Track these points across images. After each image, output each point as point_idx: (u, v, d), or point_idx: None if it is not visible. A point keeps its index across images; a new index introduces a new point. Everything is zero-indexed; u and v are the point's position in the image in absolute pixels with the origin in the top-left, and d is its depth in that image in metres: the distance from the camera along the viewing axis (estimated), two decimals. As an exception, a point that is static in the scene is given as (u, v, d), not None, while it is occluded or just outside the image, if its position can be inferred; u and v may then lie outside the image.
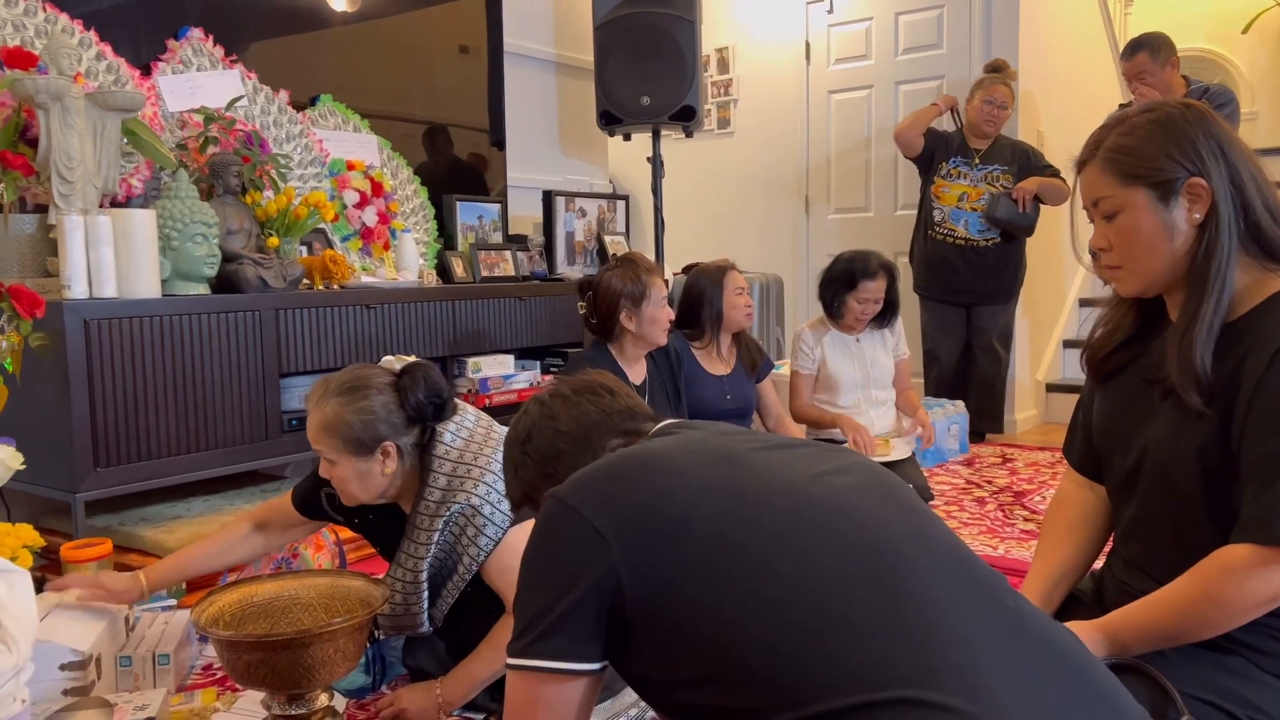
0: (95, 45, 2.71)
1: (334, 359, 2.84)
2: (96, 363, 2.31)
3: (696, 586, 0.96)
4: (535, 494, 1.28)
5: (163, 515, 2.61)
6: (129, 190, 2.71)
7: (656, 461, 1.06)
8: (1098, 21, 5.55)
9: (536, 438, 1.28)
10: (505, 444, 1.32)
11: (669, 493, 1.01)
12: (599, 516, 1.01)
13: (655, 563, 0.98)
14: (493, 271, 3.61)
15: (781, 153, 5.49)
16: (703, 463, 1.05)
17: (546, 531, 1.05)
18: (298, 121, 3.22)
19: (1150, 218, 1.30)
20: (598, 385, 1.31)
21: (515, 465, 1.30)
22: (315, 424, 1.72)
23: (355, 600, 1.67)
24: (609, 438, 1.25)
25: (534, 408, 1.31)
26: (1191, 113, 1.32)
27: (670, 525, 0.99)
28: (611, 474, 1.06)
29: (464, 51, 3.88)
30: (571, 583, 0.99)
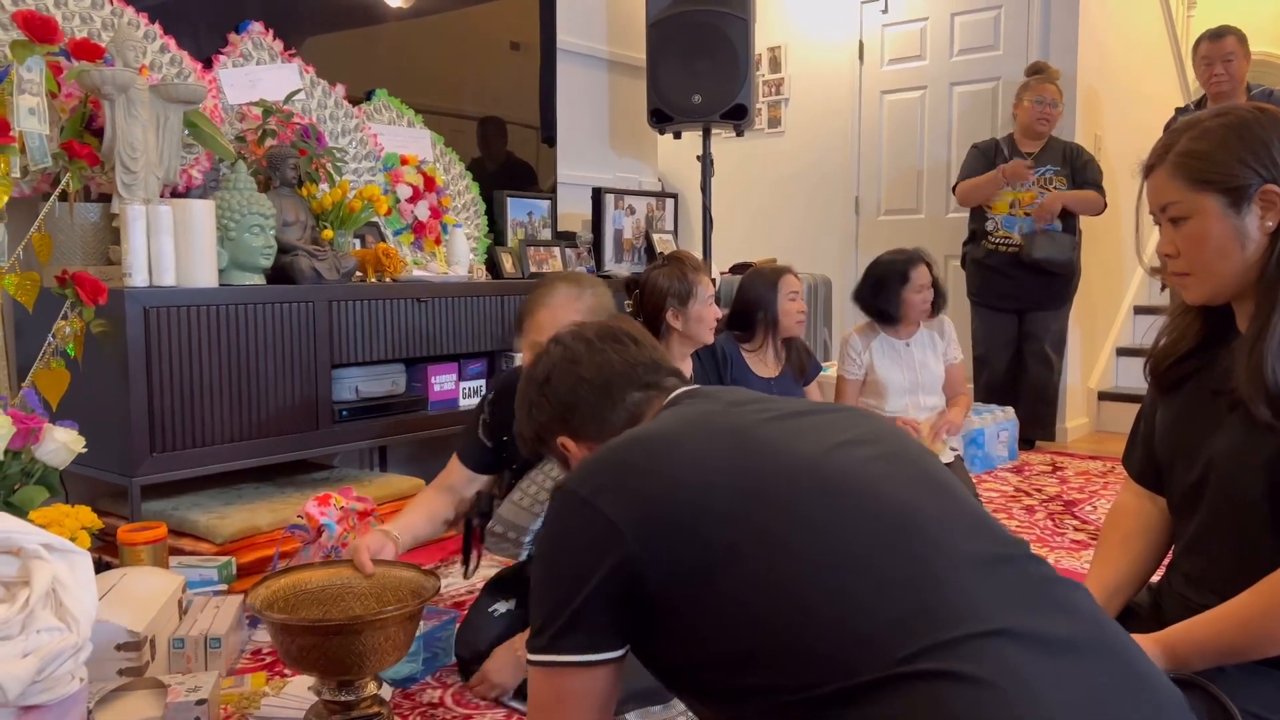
0: (160, 38, 2.76)
1: (385, 350, 2.87)
2: (155, 350, 2.35)
3: (716, 571, 0.94)
4: (548, 437, 1.26)
5: (215, 501, 2.65)
6: (189, 181, 2.76)
7: (669, 445, 1.04)
8: (1158, 23, 5.44)
9: (556, 381, 1.24)
10: (523, 380, 1.28)
11: (683, 478, 0.99)
12: (613, 507, 0.99)
13: (673, 550, 0.96)
14: (541, 268, 3.63)
15: (832, 153, 5.45)
16: (717, 442, 1.03)
17: (560, 524, 1.04)
18: (353, 116, 3.26)
19: (1221, 224, 1.27)
20: (622, 333, 1.27)
21: (530, 405, 1.28)
22: (584, 311, 1.85)
23: (407, 590, 1.68)
24: (630, 390, 1.22)
25: (555, 349, 1.27)
26: (1266, 117, 1.29)
27: (687, 511, 0.97)
28: (624, 461, 1.04)
29: (515, 48, 3.89)
30: (588, 575, 0.98)
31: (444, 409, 3.09)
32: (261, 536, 2.51)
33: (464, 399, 3.16)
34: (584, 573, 0.99)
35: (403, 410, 2.96)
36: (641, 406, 1.22)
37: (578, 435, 1.24)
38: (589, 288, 1.94)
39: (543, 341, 1.78)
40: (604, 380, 1.22)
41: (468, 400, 3.17)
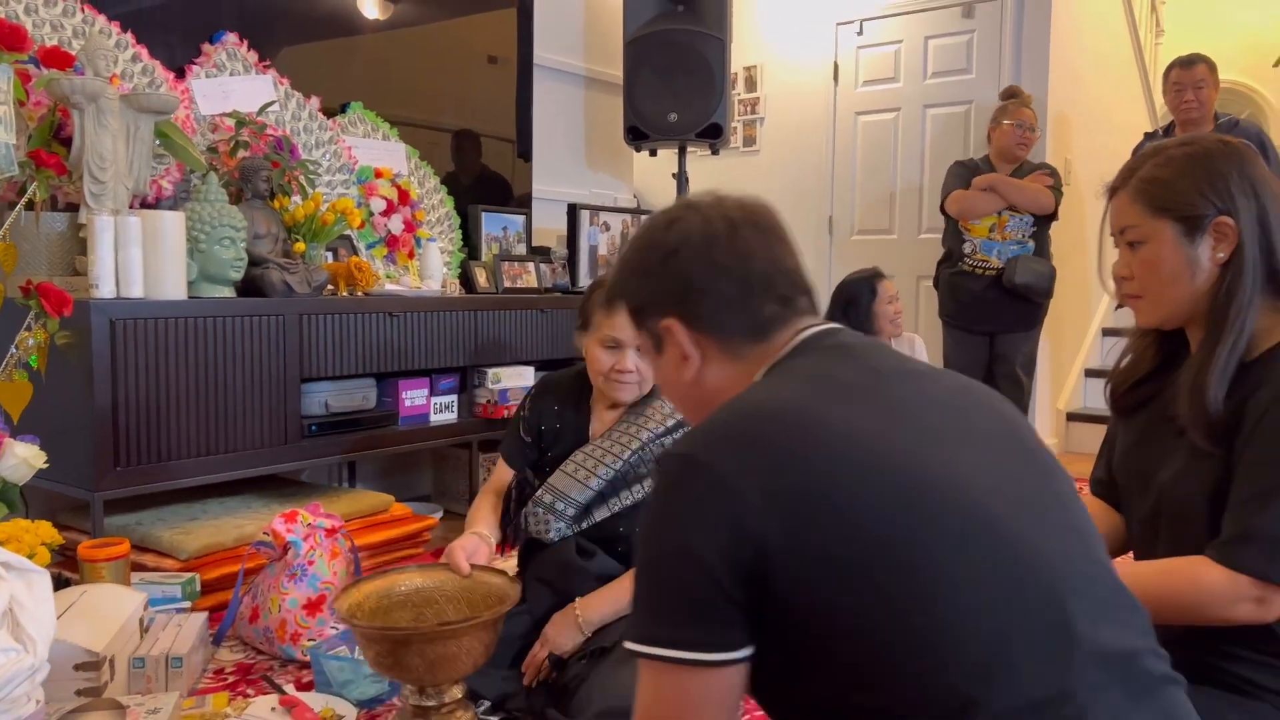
0: (132, 47, 2.74)
1: (356, 365, 2.84)
2: (121, 362, 2.32)
3: (849, 575, 0.84)
4: (653, 312, 1.09)
5: (180, 517, 2.61)
6: (159, 192, 2.73)
7: (814, 422, 0.90)
8: (1126, 50, 5.53)
9: (686, 257, 1.06)
10: (642, 237, 1.12)
11: (829, 458, 0.87)
12: (744, 478, 0.86)
13: (811, 539, 0.84)
14: (515, 283, 3.62)
15: (806, 173, 5.48)
16: (870, 422, 0.90)
17: (678, 495, 0.89)
18: (328, 128, 3.24)
19: (1175, 251, 1.29)
20: (768, 224, 1.09)
21: (646, 272, 1.09)
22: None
23: (495, 596, 1.70)
24: (767, 299, 1.05)
25: (692, 219, 1.07)
26: (1229, 150, 1.31)
27: (831, 495, 0.85)
28: (761, 435, 0.89)
29: (493, 62, 3.89)
30: (711, 555, 0.85)
31: (415, 424, 3.07)
32: (226, 553, 2.48)
33: (435, 414, 3.14)
34: (707, 552, 0.85)
35: (373, 425, 2.94)
36: (773, 324, 1.05)
37: (691, 323, 1.06)
38: None
39: (617, 339, 1.91)
40: (742, 276, 1.04)
41: (439, 415, 3.15)
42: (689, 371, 1.08)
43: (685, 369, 1.08)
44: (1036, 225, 4.13)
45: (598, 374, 2.00)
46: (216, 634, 2.20)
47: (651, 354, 1.13)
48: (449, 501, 3.56)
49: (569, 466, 1.97)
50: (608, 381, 1.99)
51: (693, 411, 1.13)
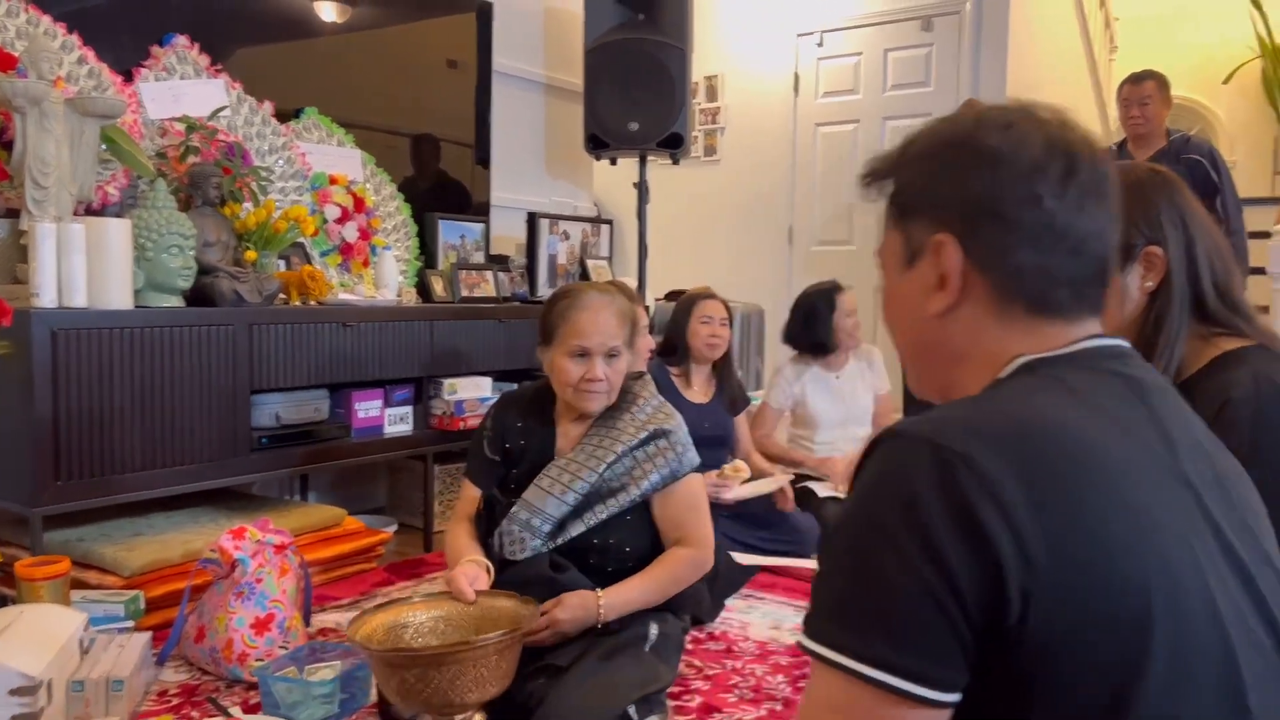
0: (78, 49, 2.66)
1: (308, 376, 2.79)
2: (63, 374, 2.25)
3: (1108, 653, 0.70)
4: (922, 217, 0.87)
5: (124, 531, 2.54)
6: (105, 198, 2.65)
7: (1100, 460, 0.74)
8: (1082, 66, 5.61)
9: (1006, 173, 0.83)
10: (953, 125, 0.89)
11: (1104, 511, 0.72)
12: (1016, 494, 0.70)
13: (1084, 588, 0.70)
14: (473, 292, 3.57)
15: (767, 183, 5.49)
16: (1149, 500, 0.75)
17: (931, 486, 0.71)
18: (281, 134, 3.18)
19: None
20: (1111, 186, 0.87)
21: (942, 165, 0.87)
22: (617, 311, 1.97)
23: (506, 620, 1.66)
24: (1069, 271, 0.84)
25: (1035, 136, 0.84)
26: (1160, 179, 1.33)
27: (1102, 560, 0.70)
28: (1041, 451, 0.73)
29: (452, 66, 3.85)
30: (952, 566, 0.69)
31: (369, 436, 3.02)
32: (172, 569, 2.41)
33: (390, 426, 3.09)
34: (956, 565, 0.69)
35: (325, 437, 2.88)
36: (1061, 307, 0.85)
37: (973, 253, 0.85)
38: (612, 290, 2.05)
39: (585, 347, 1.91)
40: (1061, 230, 0.83)
41: (394, 427, 3.10)
42: (935, 305, 0.87)
43: (933, 300, 0.87)
44: None
45: (565, 386, 1.97)
46: (160, 654, 2.14)
47: (893, 266, 0.92)
48: (404, 514, 3.51)
49: (544, 481, 1.94)
50: (576, 393, 1.96)
51: (914, 353, 0.94)
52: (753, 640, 2.35)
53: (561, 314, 1.98)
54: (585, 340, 1.93)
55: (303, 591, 2.26)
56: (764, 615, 2.54)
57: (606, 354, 1.95)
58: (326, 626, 2.42)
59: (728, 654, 2.26)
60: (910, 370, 0.96)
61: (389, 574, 2.86)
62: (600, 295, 2.00)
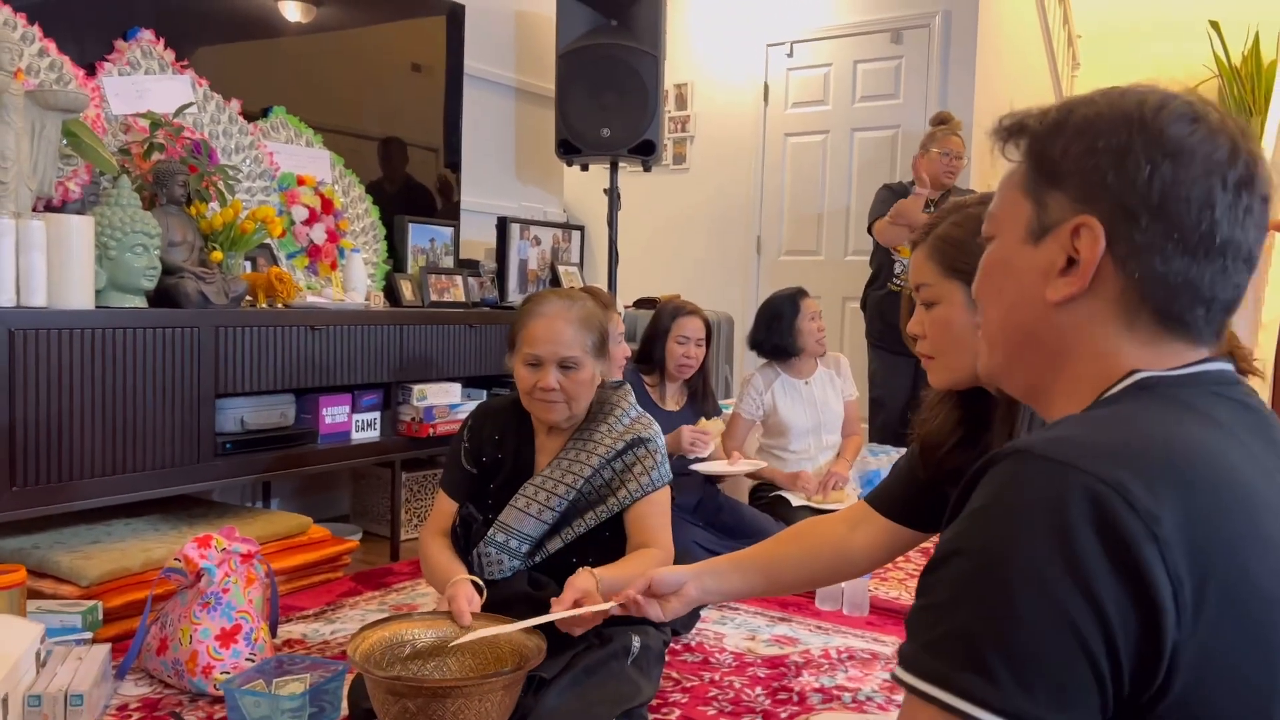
0: (39, 41, 2.58)
1: (274, 380, 2.72)
2: (20, 375, 2.16)
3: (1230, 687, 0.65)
4: (1067, 192, 0.78)
5: (81, 539, 2.46)
6: (65, 194, 2.57)
7: (1242, 482, 0.68)
8: (1048, 81, 5.68)
9: (1178, 167, 0.74)
10: (1135, 101, 0.77)
11: (1254, 541, 0.66)
12: (1175, 533, 0.63)
13: (1228, 644, 0.64)
14: (442, 296, 3.52)
15: (735, 192, 5.49)
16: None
17: (1077, 519, 0.64)
18: (248, 132, 3.11)
19: (964, 315, 1.28)
20: (1263, 191, 0.77)
21: (1106, 145, 0.76)
22: (576, 320, 1.91)
23: (506, 650, 1.61)
24: (1206, 288, 0.76)
25: (1220, 135, 0.76)
26: None
27: (1260, 601, 0.65)
28: (1192, 479, 0.66)
29: (417, 70, 3.79)
30: (1110, 613, 0.62)
31: (335, 442, 2.95)
32: (133, 578, 2.33)
33: (357, 432, 3.03)
34: (1103, 606, 0.62)
35: (291, 443, 2.81)
36: (1186, 325, 0.77)
37: (1118, 246, 0.76)
38: (579, 300, 2.01)
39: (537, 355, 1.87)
40: (1219, 242, 0.75)
41: (361, 433, 3.04)
42: (1057, 290, 0.79)
43: (1054, 285, 0.79)
44: None
45: (523, 394, 1.95)
46: (120, 667, 2.06)
47: (1013, 235, 0.83)
48: (368, 522, 3.44)
49: (519, 501, 1.91)
50: (532, 401, 1.94)
51: (1009, 337, 0.85)
52: (729, 652, 2.32)
53: (522, 321, 1.96)
54: (537, 348, 1.90)
55: (269, 602, 2.19)
56: (738, 626, 2.51)
57: (560, 363, 1.91)
58: (293, 638, 2.36)
59: (704, 666, 2.23)
60: (995, 355, 0.87)
61: (356, 583, 2.80)
62: (560, 302, 1.97)
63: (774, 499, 3.30)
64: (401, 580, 2.85)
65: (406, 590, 2.77)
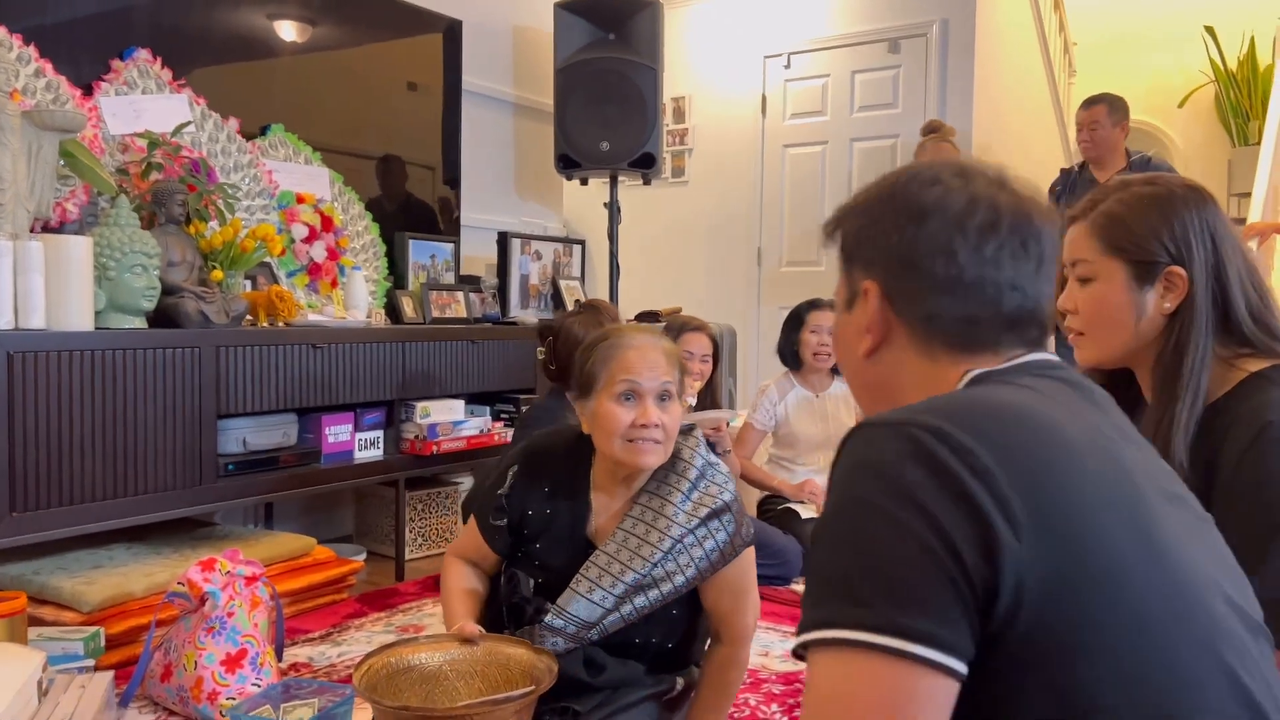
0: (35, 61, 2.56)
1: (276, 400, 2.69)
2: (20, 399, 2.13)
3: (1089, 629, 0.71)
4: (857, 263, 0.94)
5: (82, 564, 2.42)
6: (63, 215, 2.55)
7: (1063, 439, 0.77)
8: (1045, 88, 5.68)
9: (928, 228, 0.89)
10: (895, 181, 0.94)
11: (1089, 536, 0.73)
12: (1000, 467, 0.72)
13: (1070, 563, 0.71)
14: (444, 312, 3.49)
15: (735, 204, 5.47)
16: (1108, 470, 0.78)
17: (915, 459, 0.73)
18: (247, 151, 3.09)
19: (1122, 294, 1.27)
20: (1039, 239, 0.90)
21: (877, 219, 0.93)
22: (665, 351, 1.72)
23: (517, 671, 1.56)
24: (988, 316, 0.89)
25: (959, 195, 0.90)
26: (1195, 196, 1.28)
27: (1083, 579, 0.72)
28: (1006, 430, 0.76)
29: (412, 89, 3.77)
30: (947, 527, 0.70)
31: (338, 462, 2.92)
32: (135, 603, 2.30)
33: (360, 451, 2.99)
34: (940, 522, 0.70)
35: (294, 463, 2.78)
36: (986, 344, 0.90)
37: (892, 300, 0.91)
38: (657, 331, 1.81)
39: (637, 384, 1.64)
40: (975, 281, 0.88)
41: (364, 452, 3.00)
42: (862, 346, 0.94)
43: (861, 342, 0.94)
44: None
45: (612, 437, 1.65)
46: (124, 695, 2.02)
47: (840, 307, 0.98)
48: (372, 542, 3.40)
49: (581, 585, 1.66)
50: (627, 446, 1.64)
51: (861, 390, 0.98)
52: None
53: (604, 356, 1.70)
54: (636, 375, 1.65)
55: (275, 625, 2.16)
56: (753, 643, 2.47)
57: (659, 395, 1.67)
58: (299, 661, 2.32)
59: (718, 683, 2.19)
60: (859, 404, 1.01)
61: (361, 605, 2.76)
62: (645, 335, 1.75)
63: (783, 511, 3.26)
64: (408, 600, 2.81)
65: (413, 611, 2.73)
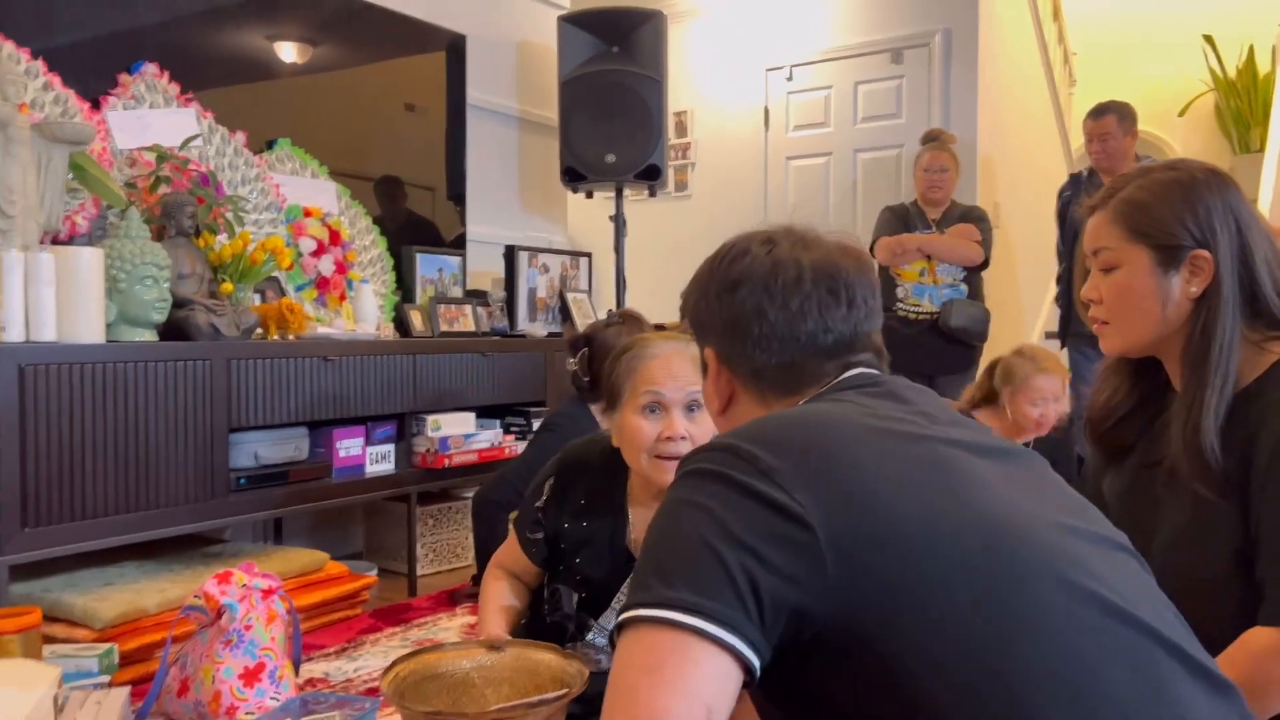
0: (43, 75, 2.55)
1: (288, 413, 2.66)
2: (31, 412, 2.11)
3: (920, 610, 0.77)
4: (701, 336, 1.08)
5: (93, 581, 2.38)
6: (73, 228, 2.53)
7: (858, 445, 0.86)
8: (1046, 96, 5.69)
9: (741, 295, 1.02)
10: (714, 260, 1.08)
11: (882, 487, 0.81)
12: (797, 479, 0.80)
13: (869, 565, 0.78)
14: (452, 326, 3.47)
15: (739, 217, 5.43)
16: (910, 453, 0.86)
17: (711, 477, 0.83)
18: (254, 164, 3.07)
19: (1146, 280, 1.25)
20: (843, 281, 1.02)
21: (703, 293, 1.07)
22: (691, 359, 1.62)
23: (546, 677, 1.52)
24: (809, 362, 1.01)
25: (762, 262, 1.02)
26: (1216, 179, 1.27)
27: (894, 527, 0.79)
28: (810, 440, 0.85)
29: (410, 110, 3.74)
30: (751, 536, 0.78)
31: (350, 476, 2.89)
32: (148, 619, 2.26)
33: (371, 465, 2.96)
34: (727, 531, 0.78)
35: (306, 478, 2.75)
36: (811, 383, 1.02)
37: (727, 360, 1.05)
38: (682, 339, 1.73)
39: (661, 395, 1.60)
40: (788, 334, 1.00)
41: (375, 466, 2.97)
42: (714, 406, 1.09)
43: (714, 402, 1.09)
44: (967, 269, 4.13)
45: (639, 452, 1.62)
46: (140, 711, 1.98)
47: (701, 376, 1.12)
48: (384, 559, 3.36)
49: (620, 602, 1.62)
50: (654, 462, 1.61)
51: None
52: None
53: (628, 367, 1.67)
54: (660, 386, 1.62)
55: (292, 639, 2.12)
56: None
57: (686, 405, 1.63)
58: (315, 676, 2.28)
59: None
60: None
61: (375, 620, 2.72)
62: (668, 342, 1.70)
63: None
64: (422, 616, 2.77)
65: (428, 625, 2.69)
